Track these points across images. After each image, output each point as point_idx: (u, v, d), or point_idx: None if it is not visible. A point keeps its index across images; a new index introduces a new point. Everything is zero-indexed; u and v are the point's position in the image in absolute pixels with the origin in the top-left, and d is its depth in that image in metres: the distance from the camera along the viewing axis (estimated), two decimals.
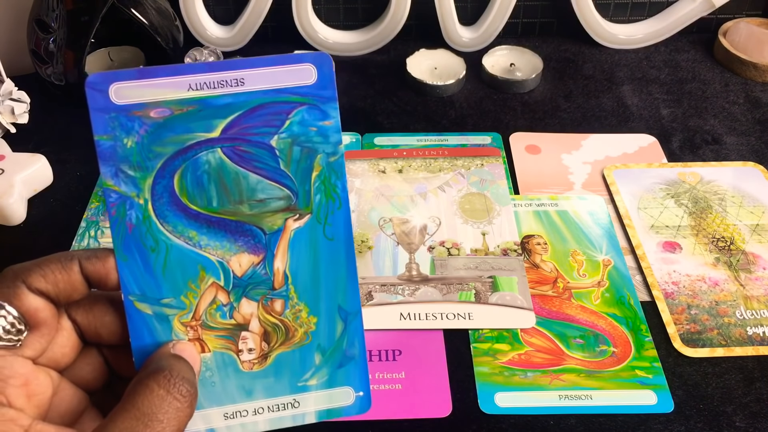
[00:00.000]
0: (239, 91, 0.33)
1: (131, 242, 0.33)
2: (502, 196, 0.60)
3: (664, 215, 0.59)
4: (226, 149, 0.33)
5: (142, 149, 0.33)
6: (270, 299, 0.35)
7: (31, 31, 0.67)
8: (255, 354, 0.35)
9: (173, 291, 0.34)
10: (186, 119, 0.33)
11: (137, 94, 0.32)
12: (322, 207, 0.34)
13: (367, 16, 0.79)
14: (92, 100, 0.32)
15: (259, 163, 0.34)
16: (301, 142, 0.34)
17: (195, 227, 0.34)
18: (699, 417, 0.46)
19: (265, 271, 0.35)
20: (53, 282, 0.32)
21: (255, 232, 0.34)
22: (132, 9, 0.66)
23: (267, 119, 0.33)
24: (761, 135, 0.68)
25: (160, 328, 0.34)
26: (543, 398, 0.47)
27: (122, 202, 0.33)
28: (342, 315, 0.35)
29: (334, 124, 0.34)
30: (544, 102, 0.72)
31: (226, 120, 0.33)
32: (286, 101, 0.33)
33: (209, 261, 0.34)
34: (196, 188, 0.33)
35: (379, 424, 0.45)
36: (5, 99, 0.64)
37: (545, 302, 0.53)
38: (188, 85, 0.32)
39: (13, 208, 0.58)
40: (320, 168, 0.34)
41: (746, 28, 0.75)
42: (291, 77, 0.33)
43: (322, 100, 0.34)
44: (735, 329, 0.51)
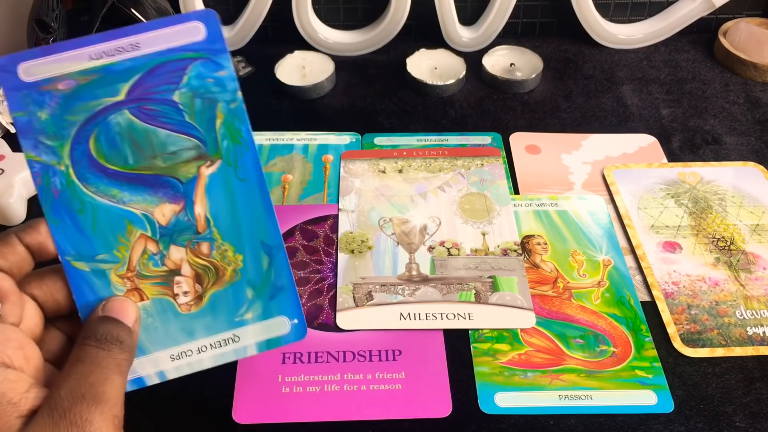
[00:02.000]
0: (136, 55, 0.36)
1: (59, 206, 0.36)
2: (502, 196, 0.60)
3: (664, 215, 0.59)
4: (133, 110, 0.36)
5: (56, 120, 0.35)
6: (196, 243, 0.37)
7: (31, 31, 0.67)
8: (190, 296, 0.37)
9: (105, 247, 0.36)
10: (91, 87, 0.35)
11: (44, 71, 0.35)
12: (231, 151, 0.37)
13: (367, 16, 0.79)
14: (4, 82, 0.35)
15: (166, 119, 0.36)
16: (201, 93, 0.36)
17: (116, 185, 0.36)
18: (699, 417, 0.46)
19: (188, 217, 0.37)
20: (2, 257, 0.34)
21: (172, 183, 0.37)
22: (132, 9, 0.66)
23: (166, 77, 0.36)
24: (761, 135, 0.68)
25: (99, 283, 0.36)
26: (543, 398, 0.47)
27: (45, 171, 0.35)
28: (266, 249, 0.38)
29: (229, 73, 0.36)
30: (544, 102, 0.72)
31: (129, 83, 0.36)
32: (181, 58, 0.36)
33: (134, 215, 0.37)
34: (111, 149, 0.36)
35: (379, 424, 0.45)
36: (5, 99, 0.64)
37: (545, 302, 0.53)
38: (88, 55, 0.35)
39: (13, 208, 0.58)
40: (223, 115, 0.37)
41: (746, 28, 0.75)
42: (182, 36, 0.36)
43: (214, 53, 0.36)
44: (735, 329, 0.51)
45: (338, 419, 0.45)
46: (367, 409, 0.46)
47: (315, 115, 0.70)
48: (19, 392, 0.31)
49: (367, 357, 0.49)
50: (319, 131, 0.67)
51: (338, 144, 0.66)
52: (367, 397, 0.47)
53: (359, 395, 0.47)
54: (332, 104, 0.72)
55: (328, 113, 0.71)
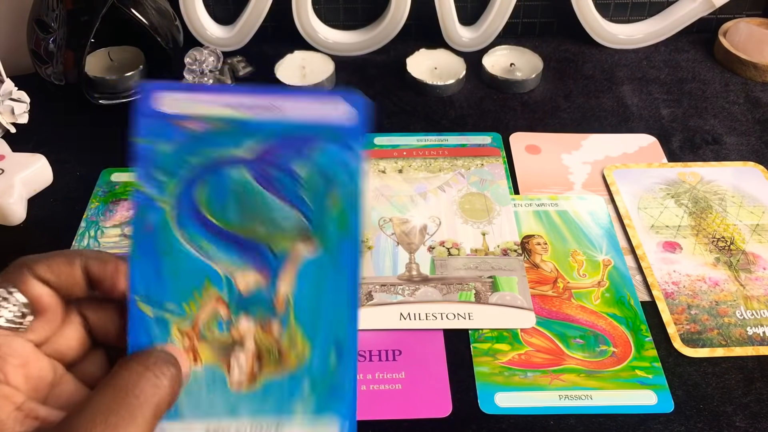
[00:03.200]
0: (275, 118, 0.35)
1: (147, 243, 0.34)
2: (502, 196, 0.60)
3: (664, 215, 0.59)
4: (252, 169, 0.35)
5: (176, 157, 0.34)
6: (269, 321, 0.35)
7: (31, 31, 0.67)
8: (245, 374, 0.35)
9: (177, 297, 0.34)
10: (221, 135, 0.34)
11: (181, 106, 0.34)
12: (334, 238, 0.35)
13: (367, 16, 0.79)
14: (141, 105, 0.34)
15: (281, 186, 0.35)
16: (324, 171, 0.35)
17: (208, 238, 0.35)
18: (699, 417, 0.46)
19: (269, 292, 0.35)
20: (56, 273, 0.33)
21: (264, 252, 0.35)
22: (132, 9, 0.66)
23: (296, 146, 0.35)
24: (761, 135, 0.68)
25: (158, 332, 0.34)
26: (543, 398, 0.47)
27: (147, 204, 0.34)
28: (337, 347, 0.35)
29: (359, 160, 0.35)
30: (544, 102, 0.72)
31: (258, 143, 0.35)
32: (316, 133, 0.35)
33: (216, 273, 0.35)
34: (217, 201, 0.35)
35: (379, 424, 0.45)
36: (5, 99, 0.64)
37: (545, 302, 0.53)
38: (228, 104, 0.34)
39: (13, 208, 0.58)
40: (339, 201, 0.35)
41: (746, 28, 0.75)
42: (327, 111, 0.35)
43: (350, 137, 0.35)
44: (735, 329, 0.51)
45: None
46: (367, 409, 0.46)
47: None
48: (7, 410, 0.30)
49: (367, 357, 0.49)
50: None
51: None
52: (367, 397, 0.47)
53: (359, 395, 0.47)
54: None
55: None
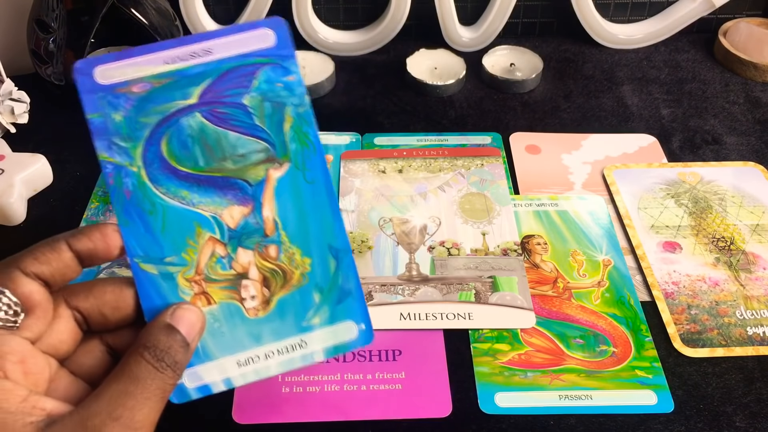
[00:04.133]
0: (209, 60, 0.37)
1: (130, 207, 0.36)
2: (502, 196, 0.60)
3: (664, 215, 0.59)
4: (205, 113, 0.37)
5: (130, 122, 0.36)
6: (264, 246, 0.37)
7: (31, 31, 0.67)
8: (258, 300, 0.37)
9: (174, 249, 0.36)
10: (165, 90, 0.36)
11: (119, 74, 0.36)
12: (299, 154, 0.38)
13: (367, 16, 0.79)
14: (81, 84, 0.35)
15: (236, 121, 0.37)
16: (270, 97, 0.37)
17: (186, 187, 0.37)
18: (699, 417, 0.46)
19: (256, 220, 0.37)
20: (45, 262, 0.34)
21: (241, 185, 0.37)
22: (132, 9, 0.66)
23: (237, 81, 0.37)
24: (761, 135, 0.68)
25: (166, 286, 0.36)
26: (543, 398, 0.47)
27: (118, 172, 0.36)
28: (333, 253, 0.37)
29: (297, 78, 0.37)
30: (544, 102, 0.72)
31: (201, 87, 0.37)
32: (251, 63, 0.37)
33: (203, 217, 0.37)
34: (183, 151, 0.37)
35: (379, 424, 0.45)
36: (5, 99, 0.64)
37: (545, 302, 0.53)
38: (163, 60, 0.36)
39: (13, 208, 0.58)
40: (291, 119, 0.38)
41: (746, 28, 0.75)
42: (253, 42, 0.37)
43: (283, 59, 0.37)
44: (735, 329, 0.51)
45: (338, 419, 0.45)
46: (367, 409, 0.46)
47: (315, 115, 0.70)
48: (15, 402, 0.30)
49: (367, 357, 0.49)
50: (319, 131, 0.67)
51: (338, 144, 0.66)
52: (367, 397, 0.47)
53: (359, 395, 0.47)
54: (332, 104, 0.72)
55: (328, 113, 0.71)
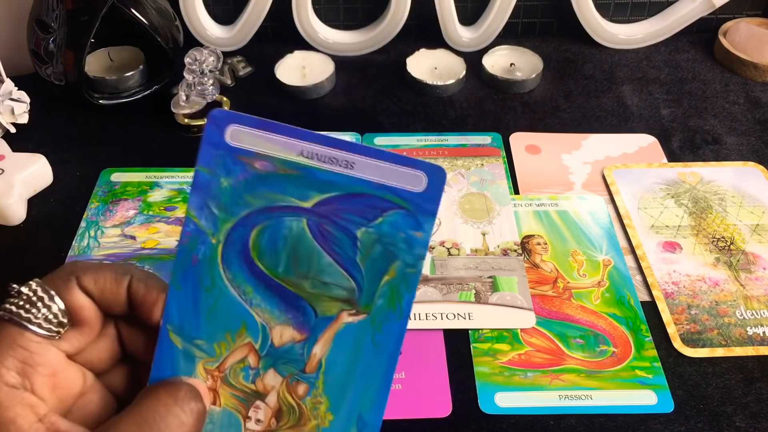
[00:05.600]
0: (346, 173, 0.33)
1: (189, 275, 0.33)
2: (502, 196, 0.60)
3: (664, 215, 0.59)
4: (312, 222, 0.33)
5: (235, 194, 0.33)
6: (296, 380, 0.34)
7: (31, 31, 0.67)
8: (261, 426, 0.34)
9: (209, 335, 0.33)
10: (286, 181, 0.33)
11: (250, 142, 0.33)
12: (381, 312, 0.33)
13: (367, 16, 0.79)
14: (209, 134, 0.32)
15: (338, 248, 0.33)
16: (386, 243, 0.33)
17: (253, 284, 0.34)
18: (699, 417, 0.46)
19: (303, 351, 0.34)
20: (101, 289, 0.32)
21: (307, 311, 0.34)
22: (132, 9, 0.66)
23: (362, 209, 0.33)
24: (761, 135, 0.68)
25: (184, 366, 0.33)
26: (543, 398, 0.47)
27: (197, 235, 0.33)
28: (360, 424, 0.34)
29: (424, 237, 0.33)
30: (544, 102, 0.72)
31: (323, 196, 0.33)
32: (386, 199, 0.33)
33: (253, 320, 0.34)
34: (270, 248, 0.33)
35: None
36: (5, 99, 0.64)
37: (545, 302, 0.53)
38: (300, 150, 0.33)
39: (13, 208, 0.58)
40: (394, 274, 0.33)
41: (746, 28, 0.75)
42: (400, 178, 0.32)
43: (422, 211, 0.33)
44: (735, 329, 0.51)
45: None
46: None
47: (315, 115, 0.70)
48: (30, 420, 0.29)
49: None
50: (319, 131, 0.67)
51: None
52: None
53: None
54: (332, 104, 0.72)
55: (328, 113, 0.71)
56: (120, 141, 0.67)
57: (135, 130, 0.68)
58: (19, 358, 0.30)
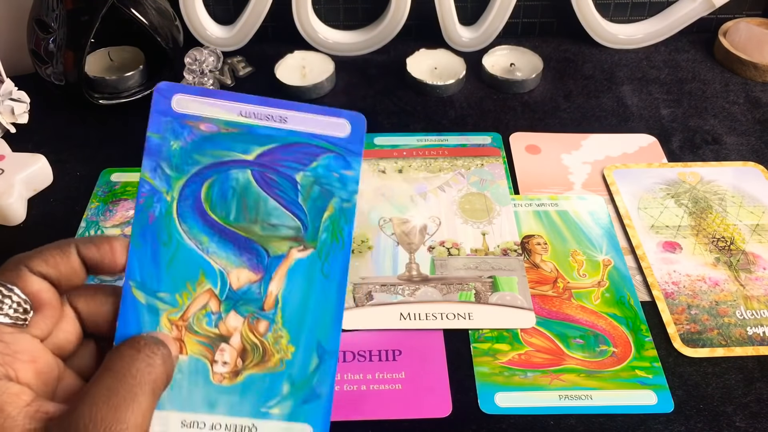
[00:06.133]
0: (280, 127, 0.37)
1: (148, 232, 0.36)
2: (502, 196, 0.60)
3: (664, 215, 0.59)
4: (256, 172, 0.37)
5: (184, 154, 0.37)
6: (256, 318, 0.36)
7: (31, 31, 0.67)
8: (228, 368, 0.35)
9: (171, 287, 0.35)
10: (229, 138, 0.37)
11: (194, 108, 0.37)
12: (326, 245, 0.37)
13: (367, 16, 0.79)
14: (156, 103, 0.36)
15: (281, 192, 0.37)
16: (322, 183, 0.37)
17: (208, 233, 0.36)
18: (699, 417, 0.46)
19: (260, 290, 0.36)
20: (54, 265, 0.33)
21: (260, 252, 0.37)
22: (132, 9, 0.66)
23: (298, 156, 0.37)
24: (761, 135, 0.68)
25: (148, 320, 0.35)
26: (543, 398, 0.47)
27: (152, 195, 0.36)
28: (319, 351, 0.36)
29: (355, 175, 0.37)
30: (544, 102, 0.72)
31: (263, 148, 0.37)
32: (318, 145, 0.37)
33: (211, 267, 0.36)
34: (220, 199, 0.37)
35: (379, 424, 0.45)
36: (5, 99, 0.64)
37: (545, 302, 0.53)
38: (239, 111, 0.37)
39: (13, 208, 0.58)
40: (333, 210, 0.37)
41: (746, 28, 0.75)
42: (327, 127, 0.37)
43: (349, 153, 0.37)
44: (735, 329, 0.51)
45: (338, 419, 0.45)
46: (367, 409, 0.46)
47: None
48: (19, 406, 0.30)
49: (367, 357, 0.49)
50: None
51: None
52: (367, 397, 0.47)
53: (359, 395, 0.47)
54: (332, 104, 0.72)
55: None
56: (120, 141, 0.67)
57: (135, 130, 0.68)
58: None
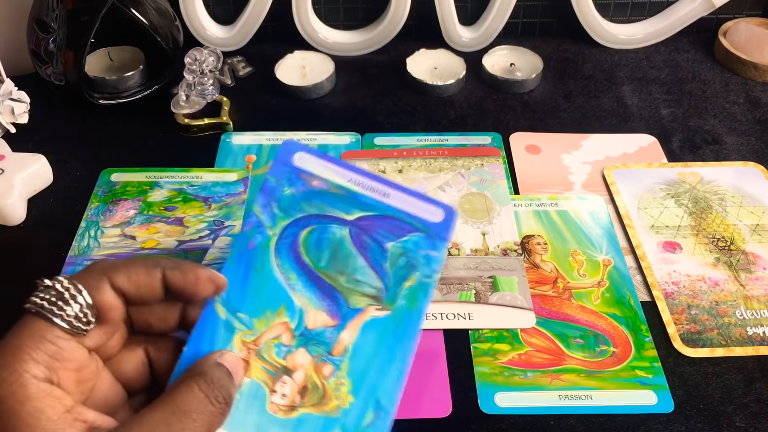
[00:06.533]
0: (382, 200, 0.41)
1: (244, 256, 0.39)
2: (502, 196, 0.60)
3: (664, 215, 0.59)
4: (352, 232, 0.41)
5: (294, 200, 0.41)
6: (324, 360, 0.38)
7: (31, 31, 0.67)
8: (286, 400, 0.36)
9: (251, 310, 0.38)
10: (335, 198, 0.41)
11: (311, 166, 0.42)
12: (402, 311, 0.39)
13: (367, 16, 0.79)
14: (281, 155, 0.42)
15: (371, 254, 0.40)
16: (409, 256, 0.40)
17: (297, 272, 0.39)
18: (699, 417, 0.46)
19: (332, 336, 0.38)
20: (136, 282, 0.34)
21: (340, 301, 0.39)
22: (132, 9, 0.66)
23: (392, 228, 0.41)
24: (761, 135, 0.68)
25: (222, 336, 0.37)
26: (543, 398, 0.47)
27: (257, 226, 0.40)
28: (376, 408, 0.37)
29: (439, 256, 0.41)
30: (544, 102, 0.72)
31: (363, 213, 0.41)
32: (411, 224, 0.41)
33: (293, 302, 0.39)
34: (315, 246, 0.40)
35: None
36: (5, 99, 0.64)
37: (545, 302, 0.53)
38: (349, 178, 0.42)
39: (13, 208, 0.58)
40: (414, 281, 0.40)
41: (746, 28, 0.75)
42: (422, 211, 0.41)
43: (438, 237, 0.41)
44: (735, 329, 0.51)
45: None
46: None
47: (315, 115, 0.70)
48: (59, 411, 0.30)
49: None
50: (319, 131, 0.67)
51: (338, 144, 0.66)
52: None
53: None
54: (332, 104, 0.72)
55: (328, 113, 0.71)
56: (120, 141, 0.67)
57: (135, 130, 0.68)
58: (48, 353, 0.31)
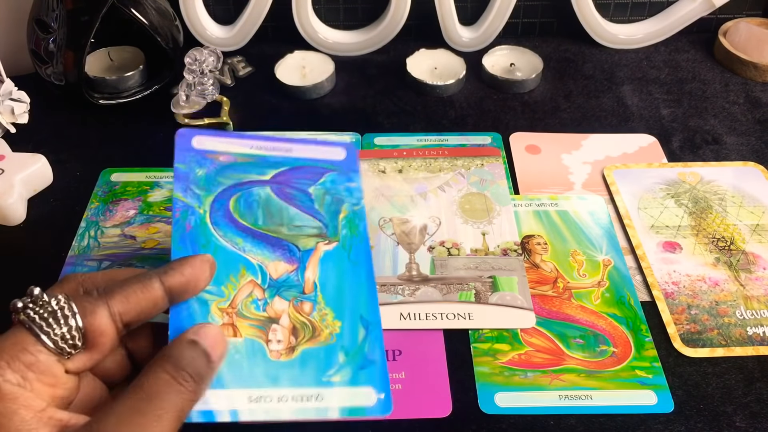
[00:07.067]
0: (288, 155, 0.44)
1: (187, 239, 0.40)
2: (502, 196, 0.60)
3: (664, 215, 0.59)
4: (274, 188, 0.43)
5: (209, 178, 0.43)
6: (300, 301, 0.40)
7: (31, 31, 0.67)
8: (283, 345, 0.38)
9: (215, 281, 0.39)
10: (246, 165, 0.44)
11: (212, 145, 0.44)
12: (348, 238, 0.42)
13: (367, 16, 0.79)
14: (179, 143, 0.43)
15: (299, 201, 0.43)
16: (332, 193, 0.44)
17: (241, 236, 0.41)
18: (699, 417, 0.46)
19: (298, 278, 0.41)
20: (135, 303, 0.34)
21: (291, 248, 0.42)
22: (132, 9, 0.66)
23: (307, 175, 0.44)
24: (761, 135, 0.68)
25: (198, 310, 0.38)
26: (543, 398, 0.47)
27: (186, 209, 0.41)
28: (363, 322, 0.40)
29: (357, 186, 0.44)
30: (544, 102, 0.72)
31: (276, 170, 0.44)
32: (322, 167, 0.44)
33: (250, 262, 0.40)
34: (247, 209, 0.42)
35: (379, 424, 0.45)
36: (5, 99, 0.64)
37: (545, 302, 0.53)
38: (250, 145, 0.44)
39: (13, 208, 0.58)
40: (346, 212, 0.43)
41: (746, 28, 0.75)
42: (326, 154, 0.45)
43: (350, 170, 0.45)
44: (735, 329, 0.51)
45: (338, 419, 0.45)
46: None
47: (315, 115, 0.70)
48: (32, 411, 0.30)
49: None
50: (319, 131, 0.67)
51: None
52: None
53: None
54: (332, 104, 0.72)
55: (328, 113, 0.71)
56: (120, 141, 0.67)
57: (135, 130, 0.68)
58: (25, 363, 0.31)
